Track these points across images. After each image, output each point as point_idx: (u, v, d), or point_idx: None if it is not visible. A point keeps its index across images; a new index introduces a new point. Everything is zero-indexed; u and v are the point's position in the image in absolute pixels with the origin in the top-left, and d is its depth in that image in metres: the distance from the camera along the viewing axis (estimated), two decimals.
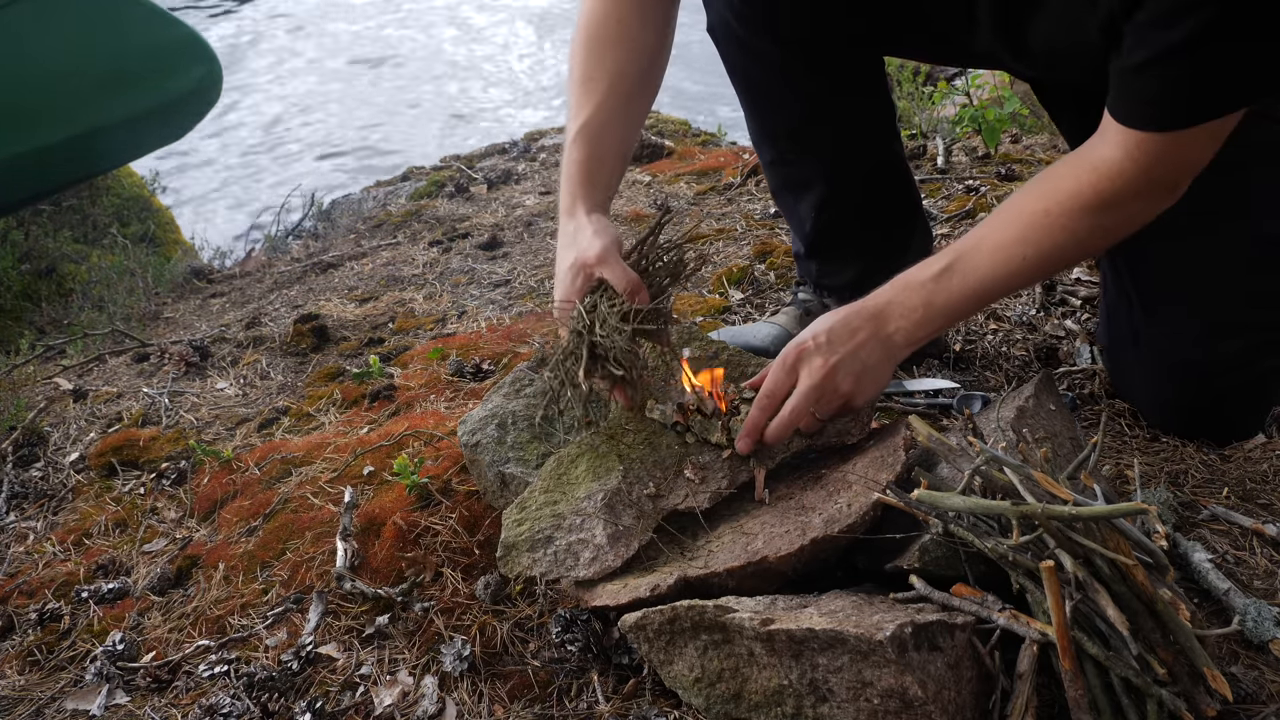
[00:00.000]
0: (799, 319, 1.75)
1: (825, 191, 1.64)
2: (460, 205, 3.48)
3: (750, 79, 1.59)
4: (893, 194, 1.71)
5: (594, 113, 1.34)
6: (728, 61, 1.59)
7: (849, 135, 1.61)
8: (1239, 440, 1.45)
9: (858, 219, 1.68)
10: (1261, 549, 1.21)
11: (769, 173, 1.74)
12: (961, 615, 0.96)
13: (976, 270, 1.20)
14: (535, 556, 1.19)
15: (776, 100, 1.59)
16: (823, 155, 1.63)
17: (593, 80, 1.36)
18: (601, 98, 1.35)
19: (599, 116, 1.35)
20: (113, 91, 1.26)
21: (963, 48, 1.38)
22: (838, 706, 0.91)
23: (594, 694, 1.08)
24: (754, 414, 1.23)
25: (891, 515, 1.10)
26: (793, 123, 1.61)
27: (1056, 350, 1.75)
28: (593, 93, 1.35)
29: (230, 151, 6.33)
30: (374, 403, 1.86)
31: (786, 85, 1.54)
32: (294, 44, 8.36)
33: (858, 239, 1.70)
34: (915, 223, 1.75)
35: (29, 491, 1.81)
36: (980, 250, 1.21)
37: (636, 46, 1.38)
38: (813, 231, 1.70)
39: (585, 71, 1.37)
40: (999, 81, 3.07)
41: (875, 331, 1.21)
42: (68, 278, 3.62)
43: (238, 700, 1.14)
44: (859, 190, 1.65)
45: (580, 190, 1.33)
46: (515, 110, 6.72)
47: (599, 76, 1.36)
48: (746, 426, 1.23)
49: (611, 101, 1.35)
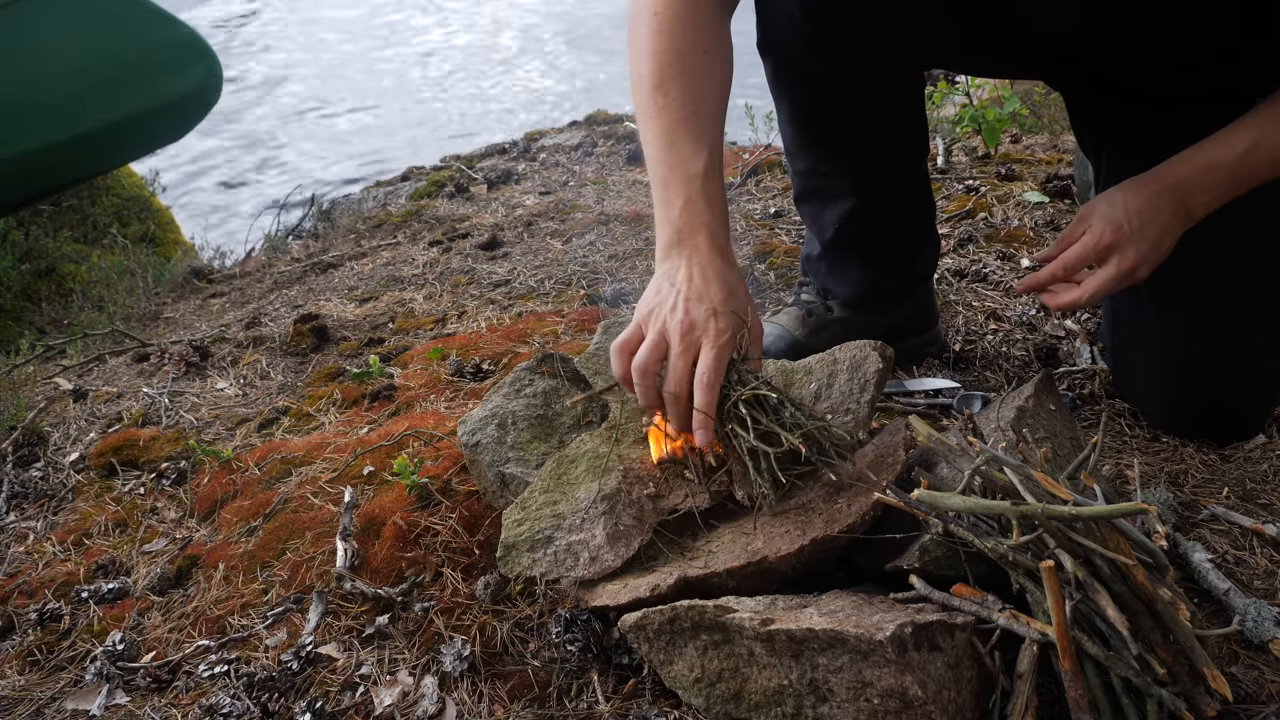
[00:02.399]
0: (800, 319, 1.75)
1: (853, 204, 1.63)
2: (460, 205, 3.48)
3: (798, 95, 1.56)
4: (915, 207, 1.71)
5: (710, 156, 1.20)
6: (778, 76, 1.55)
7: (887, 151, 1.60)
8: (1239, 440, 1.45)
9: (879, 230, 1.67)
10: (1261, 549, 1.21)
11: (798, 180, 1.72)
12: (961, 615, 0.96)
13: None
14: (535, 556, 1.19)
15: (823, 115, 1.56)
16: (858, 169, 1.62)
17: (699, 116, 1.22)
18: (713, 141, 1.22)
19: (716, 159, 1.21)
20: (112, 92, 1.26)
21: (1032, 52, 1.39)
22: (838, 706, 0.91)
23: (594, 694, 1.08)
24: (1046, 273, 1.27)
25: (891, 515, 1.10)
26: (835, 137, 1.59)
27: (1056, 350, 1.75)
28: (704, 133, 1.21)
29: (231, 151, 6.33)
30: (374, 403, 1.86)
31: (836, 102, 1.52)
32: (294, 44, 8.36)
33: (874, 248, 1.69)
34: (928, 232, 1.75)
35: (29, 491, 1.81)
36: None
37: (721, 77, 1.28)
38: (833, 240, 1.70)
39: (690, 106, 1.22)
40: (999, 82, 3.07)
41: (1177, 209, 1.24)
42: (68, 278, 3.62)
43: (238, 700, 1.14)
44: (885, 203, 1.64)
45: (715, 222, 1.17)
46: (514, 110, 6.72)
47: (703, 112, 1.23)
48: (1033, 280, 1.29)
49: (720, 145, 1.24)
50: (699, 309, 1.11)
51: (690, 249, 1.15)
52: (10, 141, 1.15)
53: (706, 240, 1.16)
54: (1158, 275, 1.41)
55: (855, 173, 1.62)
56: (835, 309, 1.75)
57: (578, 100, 6.54)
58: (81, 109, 1.21)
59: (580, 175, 3.59)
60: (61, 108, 1.20)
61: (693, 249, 1.15)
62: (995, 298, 1.97)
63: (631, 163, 3.60)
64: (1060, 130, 3.26)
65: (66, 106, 1.20)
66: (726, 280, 1.14)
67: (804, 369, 1.41)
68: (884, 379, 1.32)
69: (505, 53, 8.04)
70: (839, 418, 1.30)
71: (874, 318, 1.72)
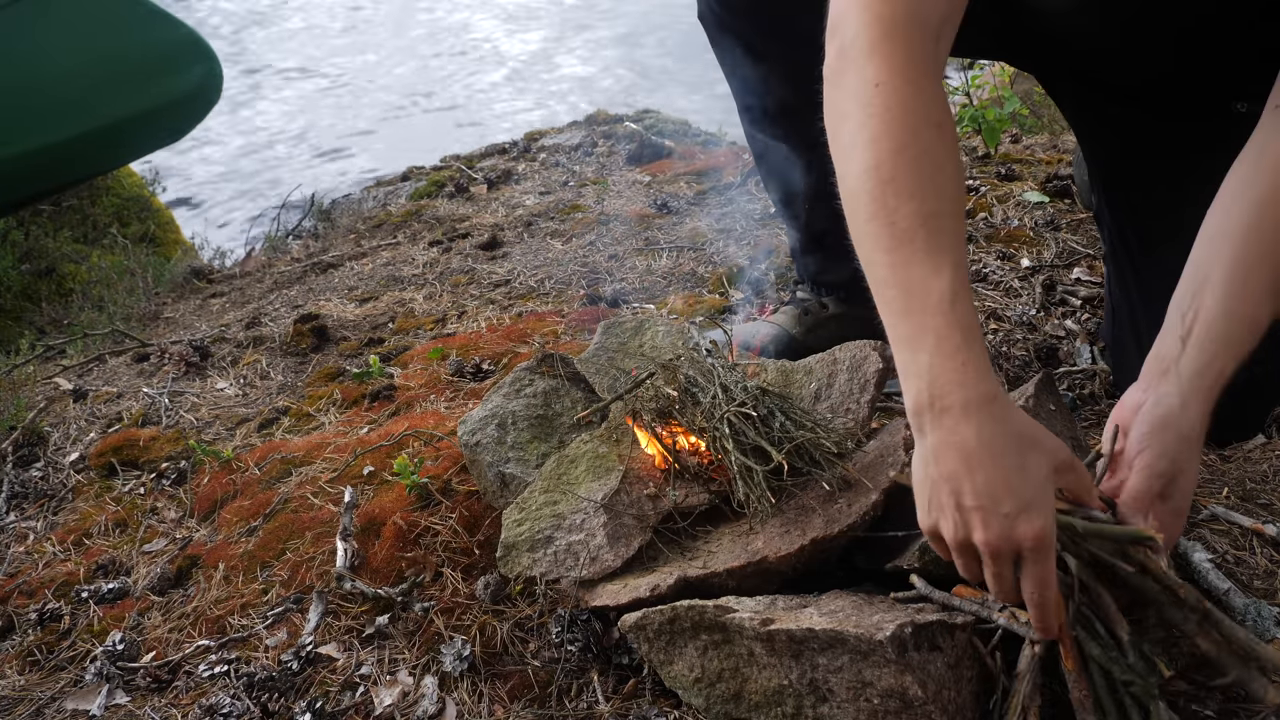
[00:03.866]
0: (798, 318, 1.75)
1: (812, 182, 1.62)
2: (460, 205, 3.48)
3: (732, 62, 1.57)
4: None
5: (956, 272, 0.91)
6: (714, 47, 1.57)
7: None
8: (1239, 440, 1.45)
9: None
10: (1261, 549, 1.21)
11: (760, 167, 1.72)
12: (961, 615, 0.96)
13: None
14: (535, 556, 1.19)
15: (756, 83, 1.56)
16: (806, 142, 1.57)
17: (941, 218, 0.93)
18: (959, 252, 0.93)
19: (963, 274, 0.93)
20: (113, 91, 1.26)
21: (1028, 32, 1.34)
22: (838, 706, 0.91)
23: (594, 694, 1.08)
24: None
25: (892, 515, 1.10)
26: (773, 105, 1.59)
27: (1056, 350, 1.75)
28: (948, 241, 0.93)
29: (231, 151, 6.33)
30: (374, 403, 1.86)
31: (767, 68, 1.52)
32: (295, 41, 8.37)
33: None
34: None
35: (29, 491, 1.81)
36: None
37: (958, 159, 1.00)
38: (805, 225, 1.70)
39: (930, 205, 0.93)
40: (999, 81, 3.07)
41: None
42: (68, 278, 3.62)
43: (238, 700, 1.14)
44: None
45: (975, 360, 0.88)
46: (515, 110, 6.73)
47: (946, 213, 0.94)
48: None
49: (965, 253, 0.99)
50: (995, 522, 0.85)
51: (958, 416, 0.87)
52: (10, 141, 1.15)
53: (977, 398, 0.87)
54: (1156, 275, 1.40)
55: (804, 145, 1.58)
56: (830, 304, 1.74)
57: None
58: (82, 109, 1.21)
59: (580, 175, 3.59)
60: (62, 108, 1.20)
61: (962, 415, 0.86)
62: (995, 297, 1.97)
63: (632, 163, 3.60)
64: (1060, 130, 3.26)
65: (67, 106, 1.20)
66: (1010, 447, 0.87)
67: (804, 369, 1.41)
68: (884, 379, 1.32)
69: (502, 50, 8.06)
70: (839, 418, 1.30)
71: (869, 310, 1.71)
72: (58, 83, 1.21)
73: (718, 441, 1.18)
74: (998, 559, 0.86)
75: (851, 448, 1.24)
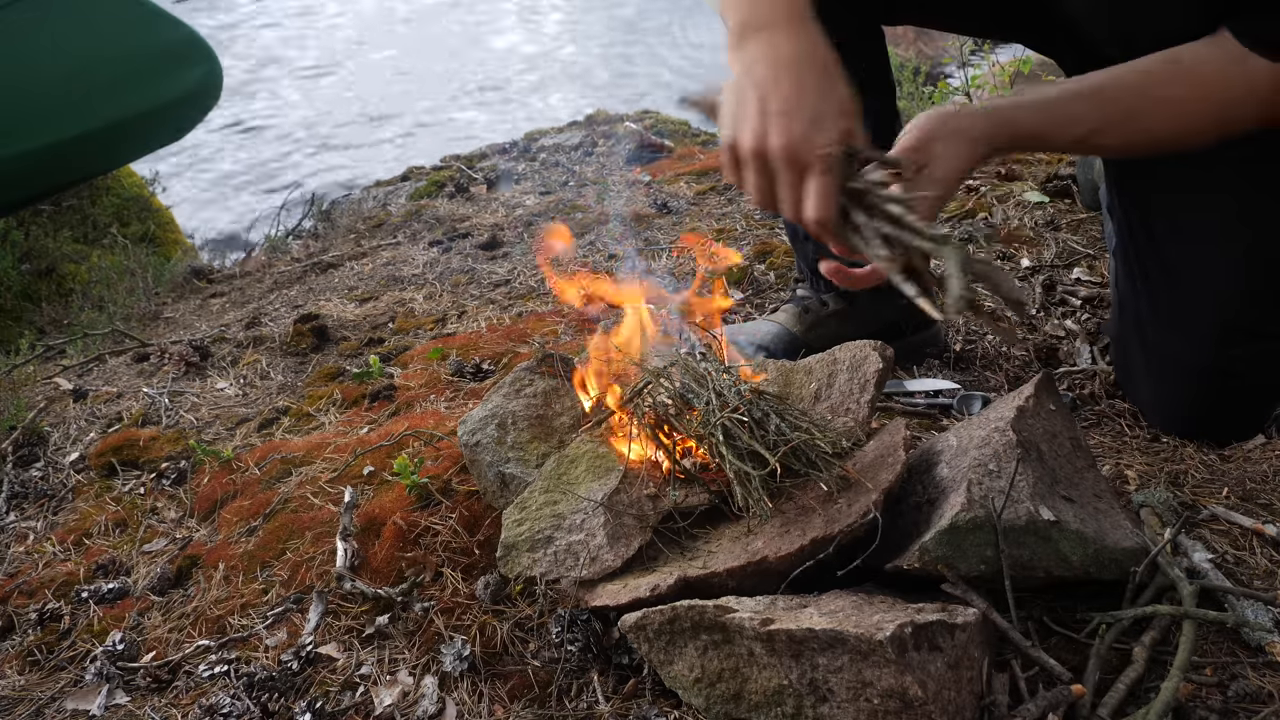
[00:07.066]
0: (798, 316, 1.75)
1: None
2: (460, 205, 3.48)
3: None
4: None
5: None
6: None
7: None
8: (1239, 440, 1.45)
9: None
10: (1261, 549, 1.21)
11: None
12: (961, 615, 0.96)
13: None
14: (535, 556, 1.19)
15: None
16: None
17: None
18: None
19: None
20: (112, 91, 1.25)
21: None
22: (838, 706, 0.91)
23: (594, 694, 1.08)
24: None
25: (891, 515, 1.10)
26: None
27: (1056, 350, 1.75)
28: None
29: (232, 151, 6.33)
30: (374, 403, 1.86)
31: None
32: (295, 41, 8.37)
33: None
34: None
35: (29, 491, 1.81)
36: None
37: None
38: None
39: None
40: (999, 81, 3.07)
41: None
42: (68, 278, 3.63)
43: (238, 700, 1.14)
44: None
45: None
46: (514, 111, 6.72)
47: None
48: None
49: None
50: (794, 127, 0.92)
51: (777, 31, 0.94)
52: (10, 141, 1.15)
53: (785, 15, 0.95)
54: (1158, 275, 1.40)
55: None
56: (830, 302, 1.74)
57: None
58: (81, 109, 1.21)
59: (580, 175, 3.59)
60: (61, 108, 1.20)
61: (782, 29, 0.94)
62: (995, 297, 1.97)
63: (632, 163, 3.61)
64: None
65: (66, 106, 1.20)
66: (817, 65, 0.94)
67: (804, 369, 1.41)
68: (884, 379, 1.32)
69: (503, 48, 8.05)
70: (839, 418, 1.30)
71: (869, 309, 1.71)
72: (58, 82, 1.21)
73: (714, 447, 1.18)
74: (791, 166, 0.93)
75: (849, 447, 1.24)
